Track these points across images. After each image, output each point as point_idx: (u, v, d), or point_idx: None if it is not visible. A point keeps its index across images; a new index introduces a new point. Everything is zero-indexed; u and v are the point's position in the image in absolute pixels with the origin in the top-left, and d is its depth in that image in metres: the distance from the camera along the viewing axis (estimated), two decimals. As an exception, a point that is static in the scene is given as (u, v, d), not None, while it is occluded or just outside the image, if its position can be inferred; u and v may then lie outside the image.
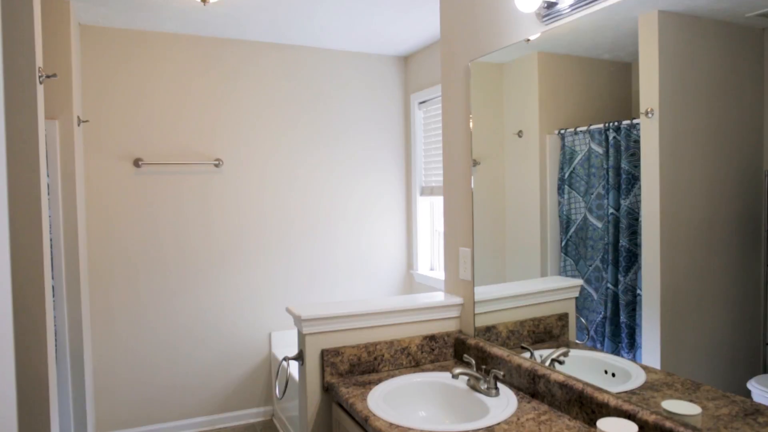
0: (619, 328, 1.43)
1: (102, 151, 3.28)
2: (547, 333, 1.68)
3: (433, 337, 2.02)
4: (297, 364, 3.30)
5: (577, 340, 1.57)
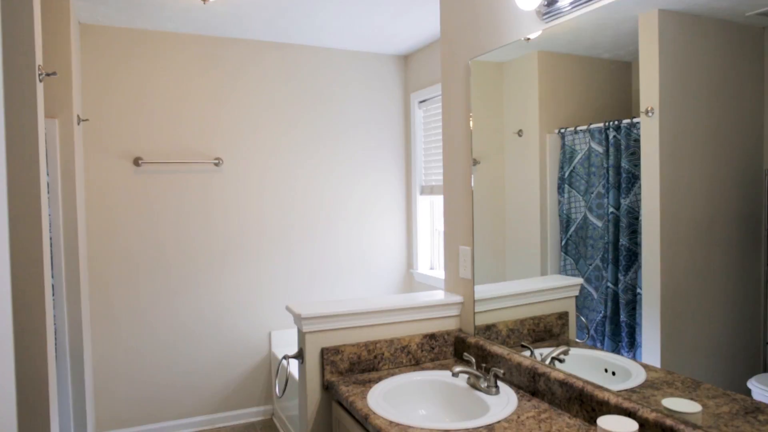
0: (619, 327, 1.43)
1: (102, 150, 3.28)
2: (547, 332, 1.68)
3: (433, 336, 2.02)
4: (297, 362, 3.30)
5: (577, 339, 1.58)
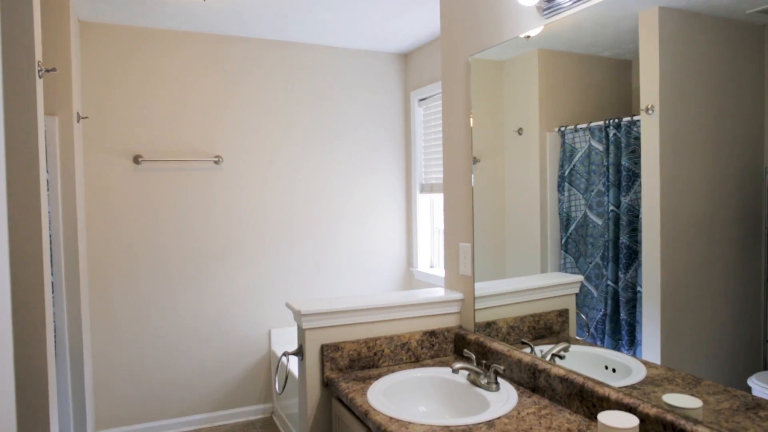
0: (619, 325, 1.43)
1: (102, 148, 3.27)
2: (547, 329, 1.68)
3: (433, 333, 2.02)
4: (296, 359, 3.30)
5: (577, 337, 1.58)
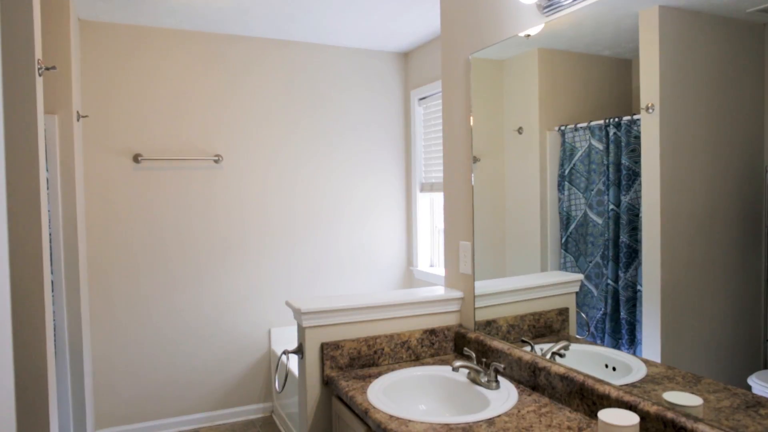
0: (619, 324, 1.43)
1: (101, 147, 3.27)
2: (547, 327, 1.68)
3: (434, 331, 2.02)
4: (296, 357, 3.30)
5: (578, 336, 1.58)
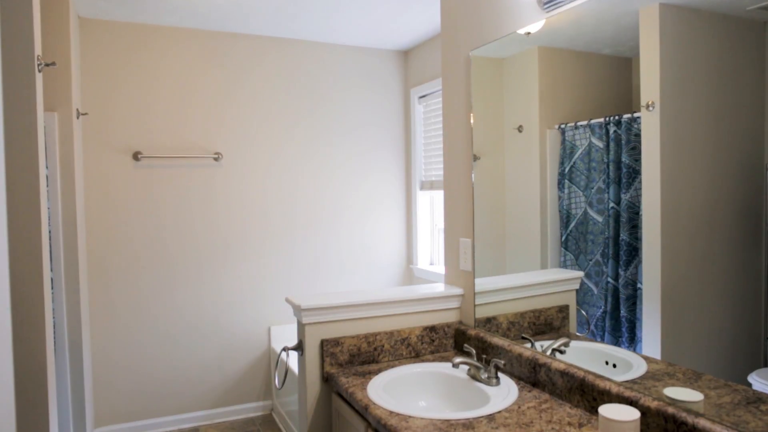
0: (619, 322, 1.43)
1: (101, 145, 3.27)
2: (547, 325, 1.69)
3: (434, 328, 2.02)
4: (296, 354, 3.30)
5: (578, 333, 1.58)
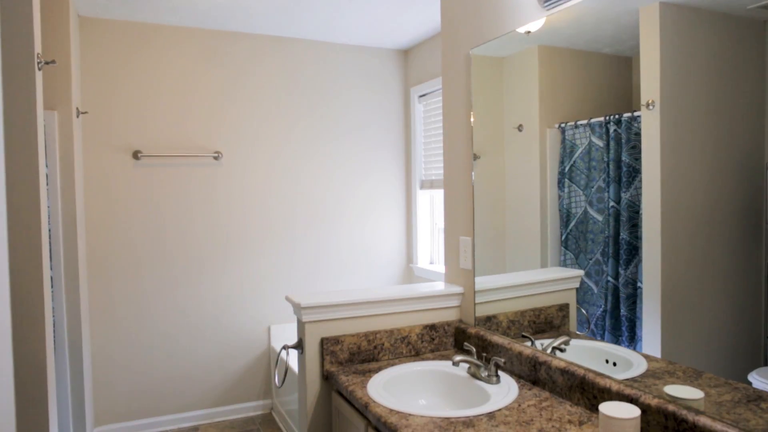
0: (619, 321, 1.43)
1: (101, 143, 3.27)
2: (547, 323, 1.69)
3: (434, 327, 2.02)
4: (296, 353, 3.31)
5: (578, 332, 1.58)
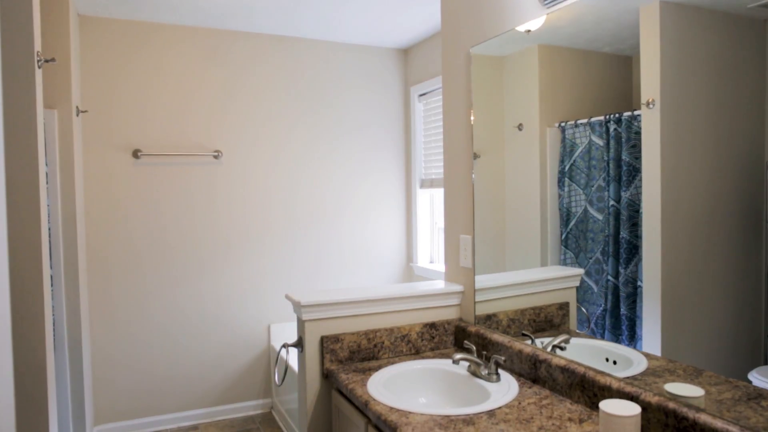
0: (619, 320, 1.43)
1: (101, 142, 3.27)
2: (547, 322, 1.69)
3: (434, 325, 2.02)
4: (296, 351, 3.31)
5: (578, 331, 1.58)
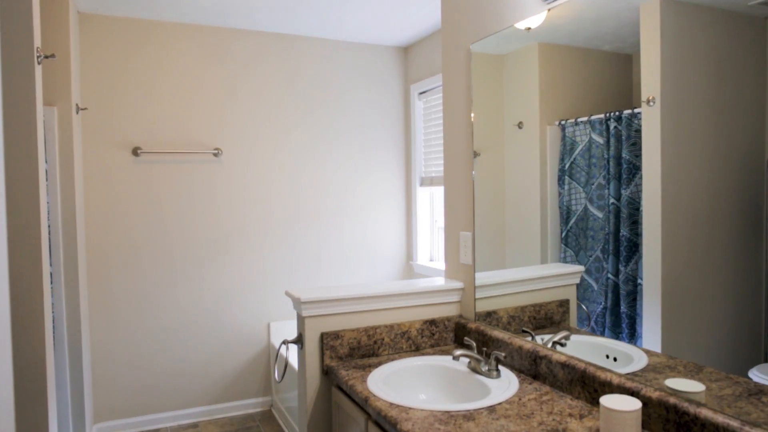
0: (619, 318, 1.43)
1: (101, 139, 3.26)
2: (548, 319, 1.69)
3: (434, 322, 2.02)
4: (296, 348, 3.31)
5: (578, 328, 1.58)
